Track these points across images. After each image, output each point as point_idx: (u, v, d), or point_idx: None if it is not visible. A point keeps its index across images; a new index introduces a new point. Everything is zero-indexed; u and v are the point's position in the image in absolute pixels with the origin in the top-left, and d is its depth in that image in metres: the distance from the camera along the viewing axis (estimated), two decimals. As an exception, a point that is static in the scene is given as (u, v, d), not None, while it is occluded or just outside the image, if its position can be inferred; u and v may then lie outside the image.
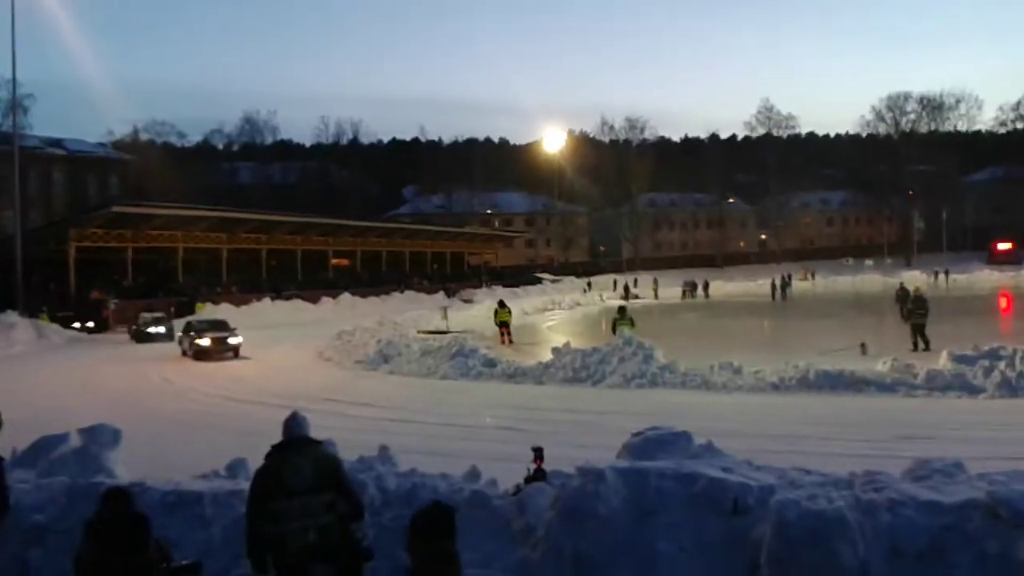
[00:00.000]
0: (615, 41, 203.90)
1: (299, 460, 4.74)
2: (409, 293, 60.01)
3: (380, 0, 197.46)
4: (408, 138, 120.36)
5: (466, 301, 53.27)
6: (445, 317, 34.85)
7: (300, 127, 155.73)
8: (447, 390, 18.69)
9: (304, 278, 59.12)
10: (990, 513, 4.61)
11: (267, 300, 49.39)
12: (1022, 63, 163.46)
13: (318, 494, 4.68)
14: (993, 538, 4.51)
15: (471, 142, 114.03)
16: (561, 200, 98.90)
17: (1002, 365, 15.89)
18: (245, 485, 6.68)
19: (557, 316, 47.17)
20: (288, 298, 51.14)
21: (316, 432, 5.08)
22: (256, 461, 5.11)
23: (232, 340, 27.88)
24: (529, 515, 5.71)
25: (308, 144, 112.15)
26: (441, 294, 59.98)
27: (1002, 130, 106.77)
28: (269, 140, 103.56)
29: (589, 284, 70.22)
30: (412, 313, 39.42)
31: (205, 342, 27.15)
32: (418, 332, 31.22)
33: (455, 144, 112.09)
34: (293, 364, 24.84)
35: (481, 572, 5.39)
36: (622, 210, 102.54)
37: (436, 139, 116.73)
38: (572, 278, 78.13)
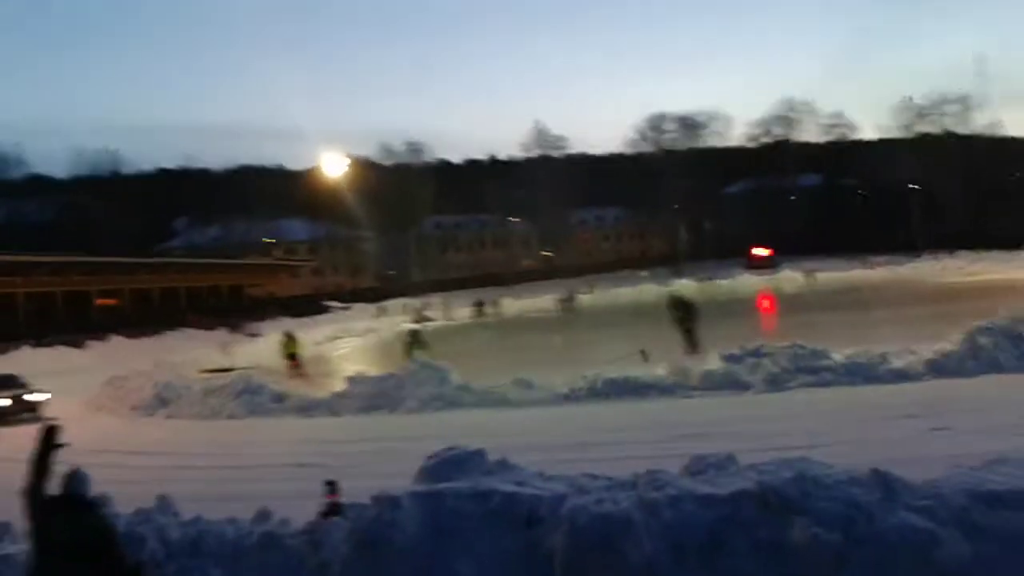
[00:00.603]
0: (392, 64, 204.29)
1: (68, 527, 4.37)
2: (187, 331, 56.81)
3: (133, 22, 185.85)
4: (175, 167, 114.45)
5: (251, 335, 51.24)
6: (228, 353, 33.31)
7: (53, 160, 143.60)
8: (234, 430, 17.84)
9: (67, 322, 54.57)
10: (761, 502, 4.94)
11: (26, 348, 45.10)
12: (766, 82, 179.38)
13: (84, 562, 4.30)
14: (765, 525, 4.83)
15: (246, 169, 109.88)
16: (346, 226, 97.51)
17: (766, 362, 17.26)
18: (12, 549, 6.02)
19: (349, 344, 46.38)
20: (50, 344, 46.96)
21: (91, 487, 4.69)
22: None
23: (30, 397, 22.72)
24: (324, 551, 5.52)
25: (63, 177, 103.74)
26: (223, 330, 57.26)
27: (752, 145, 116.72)
28: (17, 175, 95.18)
29: (381, 309, 69.66)
30: (191, 352, 37.35)
31: (3, 402, 22.05)
32: (199, 372, 29.61)
33: (228, 172, 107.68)
34: (62, 415, 22.80)
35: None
36: (408, 234, 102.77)
37: (206, 168, 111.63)
38: (363, 304, 77.12)
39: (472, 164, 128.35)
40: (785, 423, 13.08)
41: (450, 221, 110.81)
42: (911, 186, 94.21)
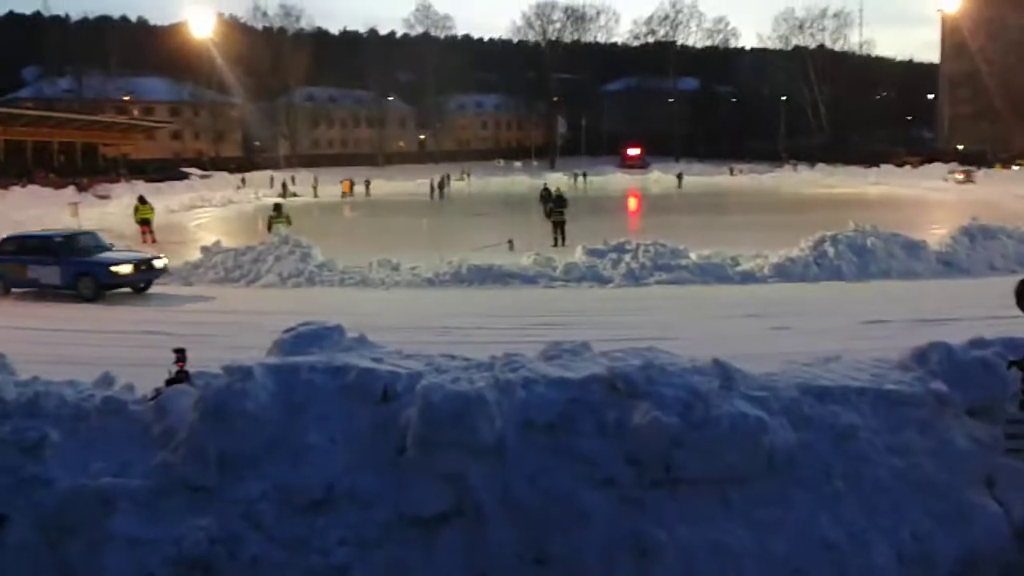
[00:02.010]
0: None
1: None
2: (32, 188, 53.22)
3: None
4: (28, 12, 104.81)
5: (101, 197, 48.57)
6: (76, 215, 31.50)
7: None
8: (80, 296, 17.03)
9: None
10: (609, 385, 5.09)
11: None
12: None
13: None
14: (612, 407, 4.99)
15: (105, 20, 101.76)
16: (211, 90, 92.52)
17: (628, 258, 17.75)
18: None
19: (207, 214, 44.72)
20: None
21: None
22: None
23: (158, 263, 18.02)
24: (170, 418, 5.37)
25: None
26: (71, 189, 53.94)
27: (636, 43, 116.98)
28: None
29: (243, 181, 67.15)
30: (36, 211, 35.13)
31: (126, 269, 17.14)
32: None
33: (85, 21, 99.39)
34: None
35: (117, 480, 5.02)
36: (278, 103, 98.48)
37: (63, 14, 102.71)
38: (224, 174, 73.98)
39: (351, 36, 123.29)
40: (640, 316, 13.57)
41: (323, 94, 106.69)
42: (782, 97, 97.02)
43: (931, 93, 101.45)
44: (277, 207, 24.24)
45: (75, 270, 16.94)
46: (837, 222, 19.20)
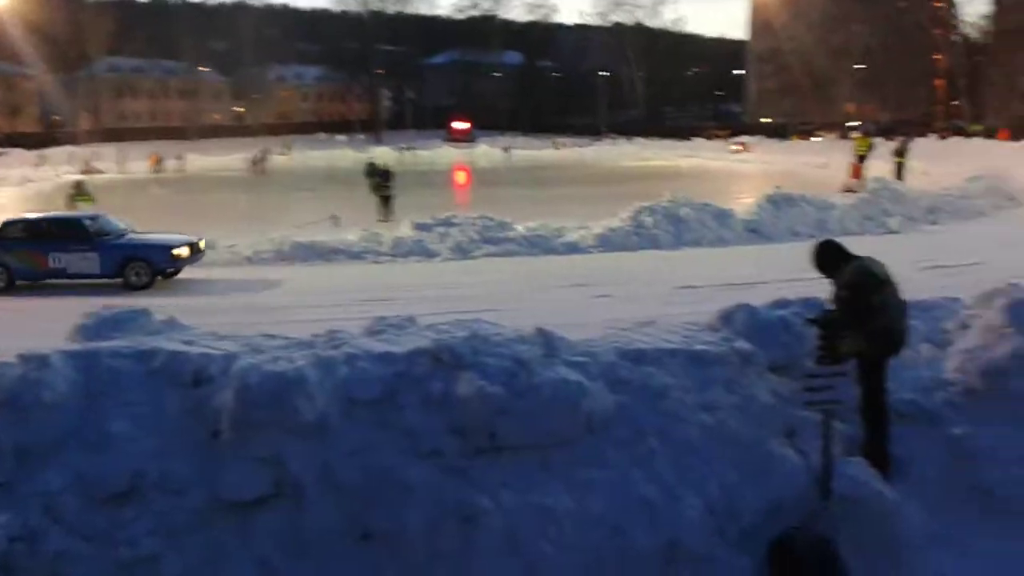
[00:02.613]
0: None
1: None
2: None
3: None
4: None
5: None
6: None
7: None
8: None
9: None
10: (435, 358, 5.07)
11: None
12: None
13: None
14: (437, 379, 4.98)
15: None
16: (3, 61, 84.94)
17: (455, 231, 17.79)
18: None
19: (2, 195, 41.17)
20: None
21: None
22: None
23: None
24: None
25: None
26: None
27: (459, 16, 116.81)
28: None
29: (42, 157, 62.23)
30: None
31: (185, 251, 15.11)
32: None
33: None
34: None
35: None
36: (78, 75, 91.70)
37: None
38: (21, 151, 68.28)
39: (159, 3, 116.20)
40: (467, 289, 13.65)
41: (128, 64, 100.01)
42: (601, 73, 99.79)
43: (740, 69, 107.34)
44: (78, 184, 22.71)
45: (122, 255, 14.58)
46: (654, 193, 19.97)
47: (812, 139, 65.30)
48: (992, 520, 5.19)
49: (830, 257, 5.63)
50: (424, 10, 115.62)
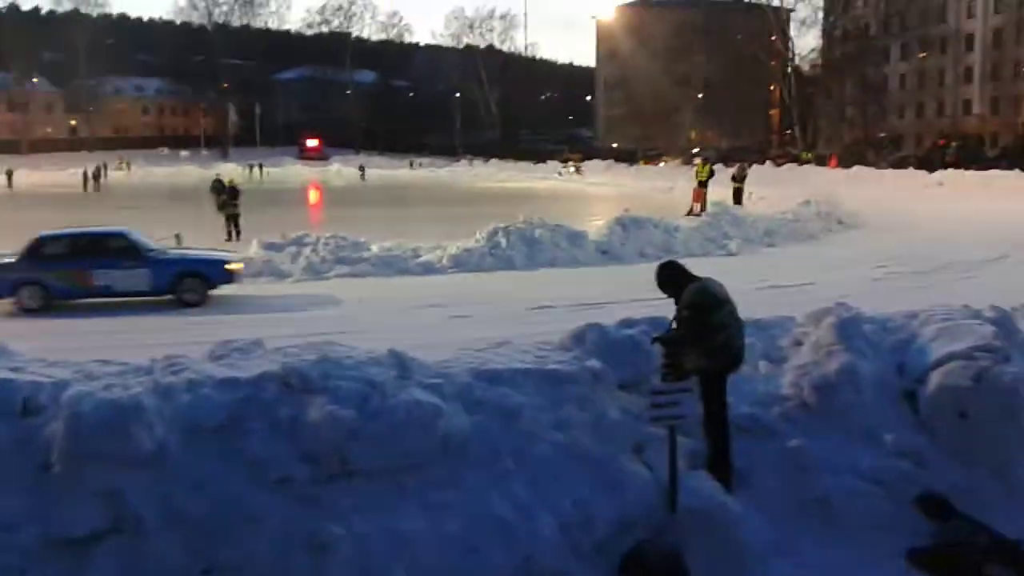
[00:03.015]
0: None
1: None
2: None
3: None
4: None
5: None
6: None
7: None
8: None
9: None
10: (283, 382, 4.93)
11: None
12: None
13: None
14: (286, 404, 4.84)
15: None
16: None
17: (308, 251, 17.41)
18: None
19: None
20: None
21: None
22: None
23: None
24: None
25: None
26: None
27: (309, 31, 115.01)
28: None
29: None
30: None
31: (238, 266, 14.70)
32: None
33: None
34: None
35: None
36: None
37: None
38: None
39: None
40: (320, 310, 13.37)
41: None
42: (456, 94, 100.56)
43: (590, 95, 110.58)
44: None
45: (175, 271, 13.85)
46: (509, 214, 20.23)
47: (659, 164, 68.07)
48: (827, 528, 5.48)
49: (672, 278, 5.85)
50: (273, 24, 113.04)
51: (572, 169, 67.24)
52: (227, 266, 14.27)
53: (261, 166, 69.24)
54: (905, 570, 5.11)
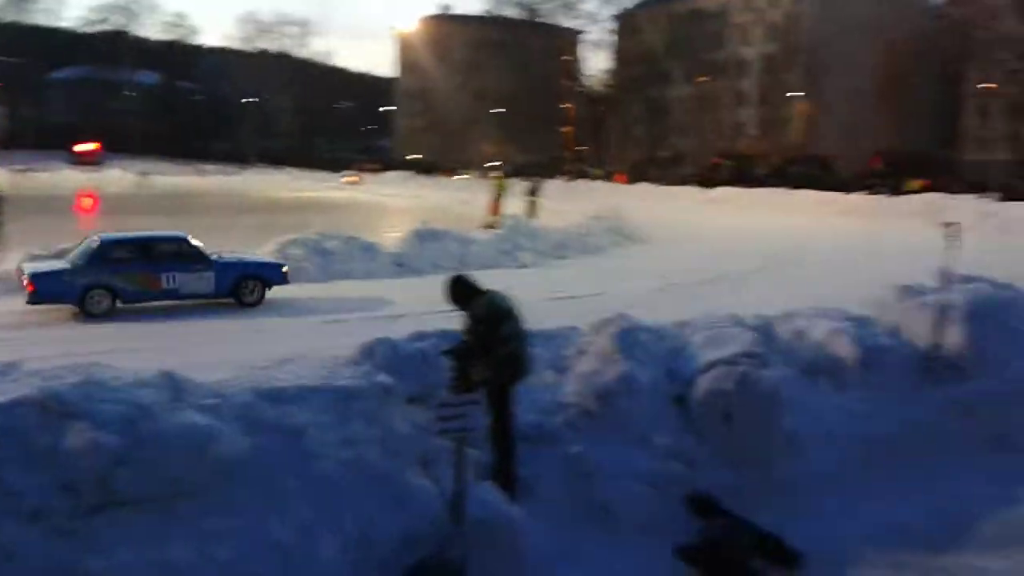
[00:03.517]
0: None
1: None
2: None
3: None
4: None
5: None
6: None
7: None
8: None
9: None
10: (41, 407, 4.55)
11: None
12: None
13: None
14: (43, 431, 4.47)
15: None
16: None
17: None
18: None
19: None
20: None
21: None
22: None
23: None
24: None
25: None
26: None
27: (87, 30, 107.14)
28: None
29: None
30: None
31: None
32: None
33: None
34: None
35: None
36: None
37: None
38: None
39: None
40: (87, 329, 12.46)
41: None
42: (247, 99, 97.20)
43: (389, 105, 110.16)
44: None
45: (237, 274, 14.27)
46: (303, 225, 19.76)
47: (457, 177, 68.83)
48: (607, 531, 5.72)
49: (462, 291, 5.93)
50: (45, 20, 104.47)
51: (353, 179, 68.69)
52: (283, 269, 15.10)
53: (30, 170, 63.65)
54: (676, 568, 5.41)
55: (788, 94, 71.56)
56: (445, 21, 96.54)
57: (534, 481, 5.87)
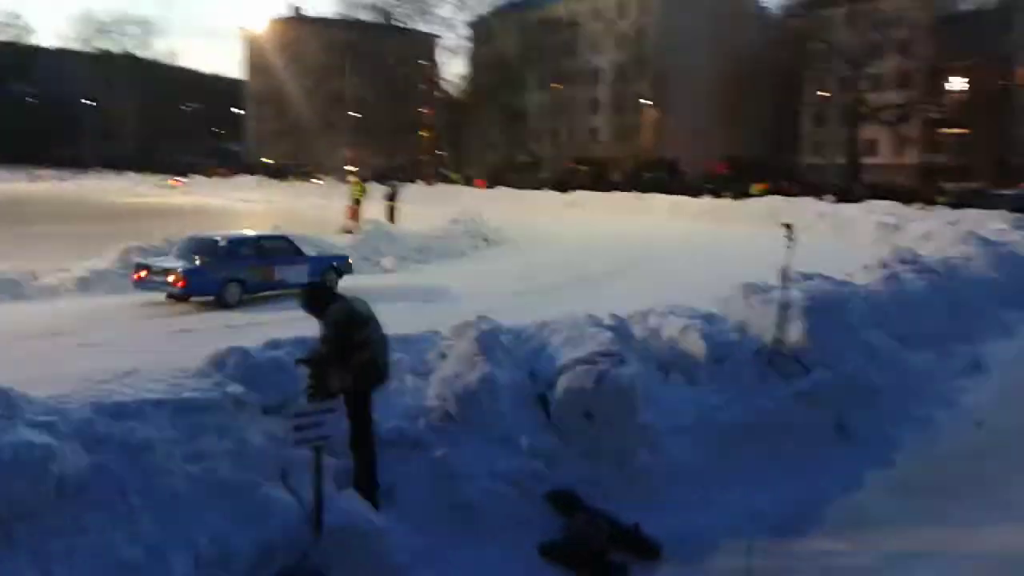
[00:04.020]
0: None
1: None
2: None
3: None
4: None
5: None
6: None
7: None
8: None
9: None
10: None
11: None
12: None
13: None
14: None
15: None
16: None
17: None
18: None
19: None
20: None
21: None
22: None
23: None
24: None
25: None
26: None
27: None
28: None
29: None
30: None
31: None
32: None
33: None
34: None
35: None
36: None
37: None
38: None
39: None
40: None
41: None
42: (85, 101, 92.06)
43: (239, 108, 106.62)
44: None
45: (322, 265, 16.47)
46: (147, 232, 18.84)
47: (313, 181, 67.42)
48: (471, 533, 5.69)
49: (317, 298, 5.78)
50: None
51: (175, 183, 67.15)
52: (349, 260, 17.61)
53: None
54: (540, 565, 5.45)
55: (641, 101, 73.81)
56: (296, 23, 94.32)
57: (397, 486, 5.78)
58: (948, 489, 6.96)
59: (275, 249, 16.13)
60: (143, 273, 14.67)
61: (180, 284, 14.24)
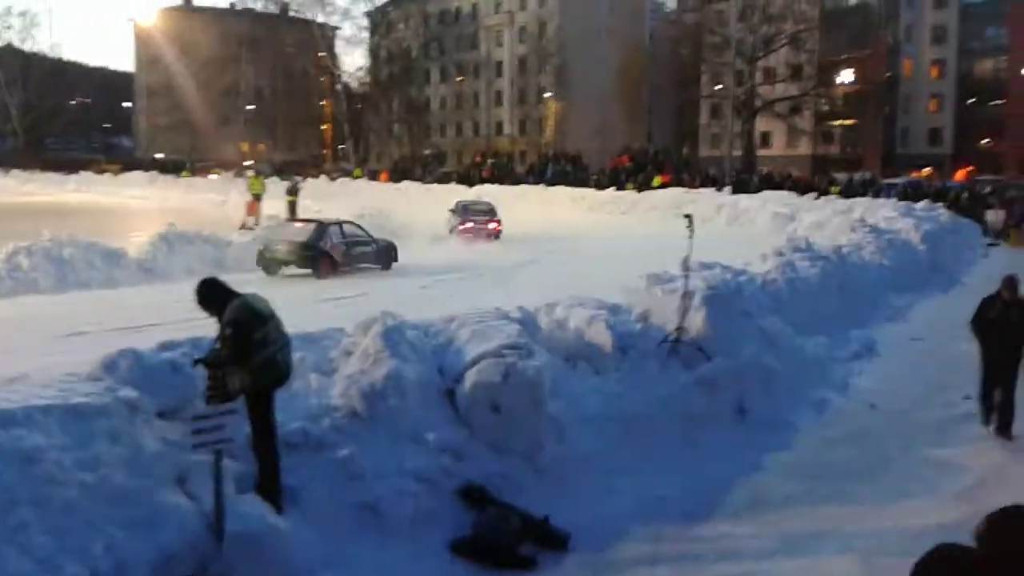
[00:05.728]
0: None
1: None
2: None
3: None
4: None
5: None
6: None
7: None
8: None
9: None
10: None
11: None
12: None
13: None
14: None
15: None
16: None
17: None
18: None
19: None
20: None
21: None
22: None
23: None
24: None
25: None
26: None
27: None
28: None
29: None
30: None
31: None
32: None
33: None
34: None
35: None
36: None
37: None
38: None
39: None
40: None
41: None
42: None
43: (129, 102, 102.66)
44: None
45: (386, 248, 20.04)
46: (33, 231, 17.92)
47: (210, 176, 65.33)
48: (378, 532, 5.62)
49: (212, 296, 5.57)
50: None
51: None
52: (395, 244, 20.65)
53: None
54: (450, 561, 5.42)
55: (544, 95, 74.24)
56: (187, 13, 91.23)
57: (301, 489, 5.65)
58: (844, 470, 7.23)
59: (361, 237, 19.52)
60: None
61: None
